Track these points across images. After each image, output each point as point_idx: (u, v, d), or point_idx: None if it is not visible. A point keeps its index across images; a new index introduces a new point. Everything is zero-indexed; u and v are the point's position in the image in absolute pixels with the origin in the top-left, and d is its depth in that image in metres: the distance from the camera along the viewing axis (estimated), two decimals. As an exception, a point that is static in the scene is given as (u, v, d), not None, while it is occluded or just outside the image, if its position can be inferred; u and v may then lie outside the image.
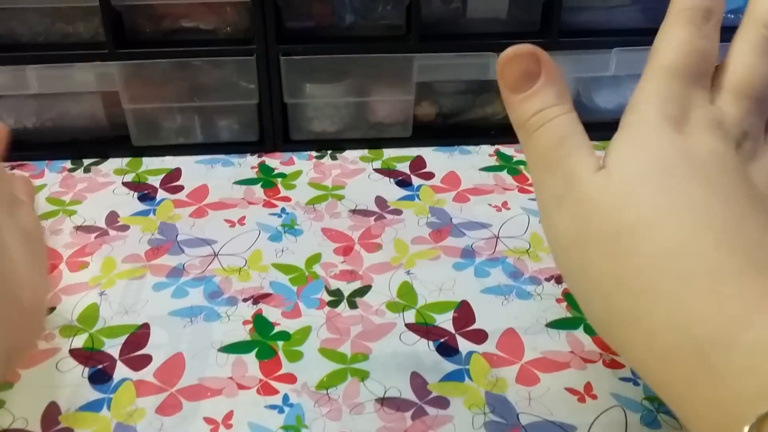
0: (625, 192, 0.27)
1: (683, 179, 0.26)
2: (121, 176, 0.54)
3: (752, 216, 0.26)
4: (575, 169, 0.28)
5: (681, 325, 0.24)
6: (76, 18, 0.54)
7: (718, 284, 0.24)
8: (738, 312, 0.23)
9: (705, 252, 0.25)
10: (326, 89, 0.56)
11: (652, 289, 0.25)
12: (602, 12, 0.57)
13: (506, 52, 0.30)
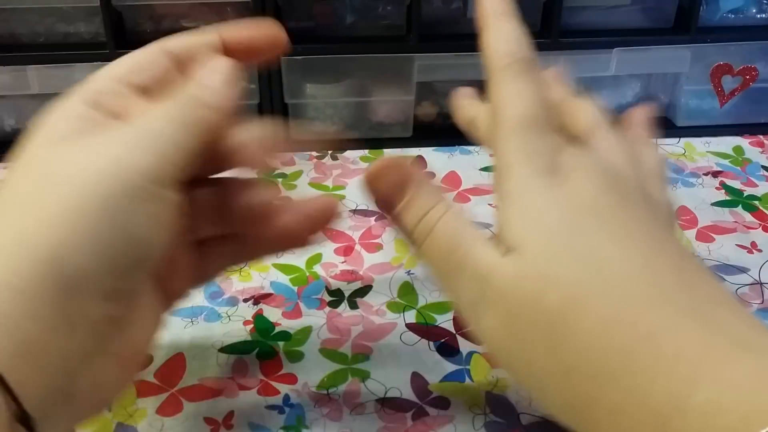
0: (540, 274, 0.25)
1: (589, 235, 0.25)
2: (121, 176, 0.54)
3: (668, 250, 0.26)
4: (481, 267, 0.27)
5: (637, 401, 0.23)
6: (76, 18, 0.54)
7: (659, 348, 0.23)
8: (684, 373, 0.22)
9: (639, 316, 0.24)
10: (327, 89, 0.56)
11: (600, 371, 0.24)
12: (602, 12, 0.57)
13: (368, 173, 0.29)
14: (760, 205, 0.51)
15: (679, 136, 0.60)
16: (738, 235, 0.48)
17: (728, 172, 0.55)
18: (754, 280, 0.44)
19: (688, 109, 0.60)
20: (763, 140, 0.60)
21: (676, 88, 0.60)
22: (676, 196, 0.52)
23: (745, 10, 0.58)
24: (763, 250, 0.46)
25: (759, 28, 0.58)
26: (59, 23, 0.54)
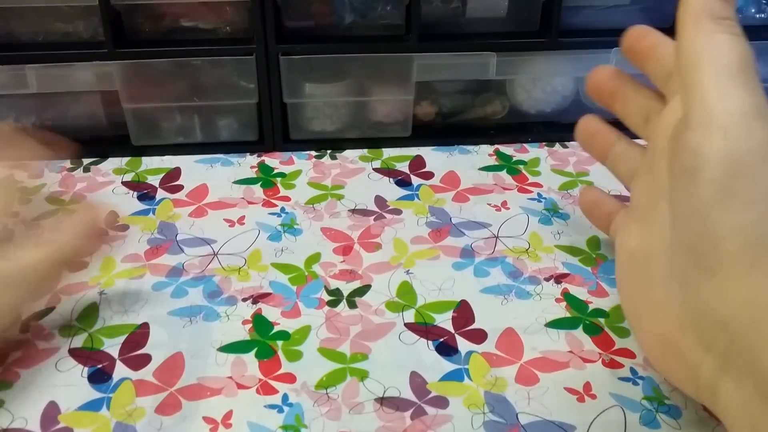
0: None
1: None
2: (120, 176, 0.54)
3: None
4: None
5: None
6: (75, 17, 0.54)
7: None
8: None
9: None
10: (326, 89, 0.56)
11: None
12: (601, 12, 0.57)
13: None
14: (759, 205, 0.51)
15: (678, 136, 0.60)
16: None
17: (727, 172, 0.55)
18: (753, 279, 0.44)
19: (687, 109, 0.60)
20: (762, 140, 0.60)
21: (675, 88, 0.60)
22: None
23: (744, 10, 0.58)
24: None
25: (758, 28, 0.58)
26: (58, 22, 0.54)
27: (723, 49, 0.30)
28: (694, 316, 0.30)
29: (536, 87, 0.59)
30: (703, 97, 0.30)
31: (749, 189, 0.28)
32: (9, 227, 0.47)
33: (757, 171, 0.28)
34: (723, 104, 0.29)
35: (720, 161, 0.29)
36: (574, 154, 0.57)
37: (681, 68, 0.32)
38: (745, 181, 0.28)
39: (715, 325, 0.29)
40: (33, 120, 0.56)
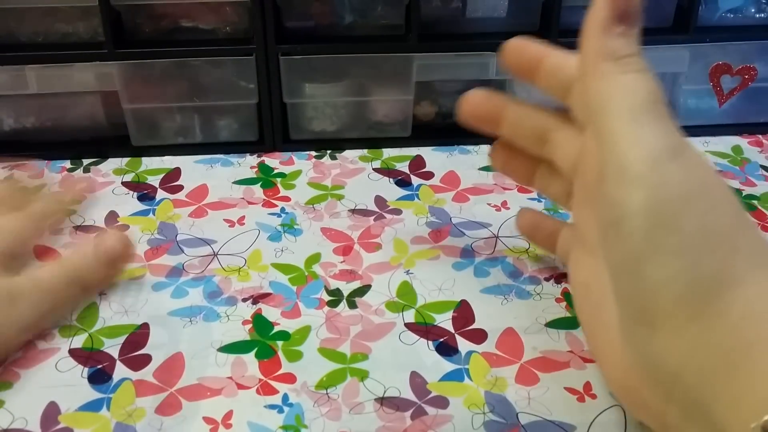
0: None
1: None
2: (120, 176, 0.54)
3: None
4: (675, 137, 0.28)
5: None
6: (75, 18, 0.54)
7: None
8: None
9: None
10: (326, 89, 0.56)
11: (760, 263, 0.27)
12: (602, 11, 0.57)
13: None
14: (759, 205, 0.51)
15: (678, 136, 0.60)
16: (737, 235, 0.48)
17: (727, 172, 0.55)
18: (753, 279, 0.44)
19: (686, 109, 0.60)
20: (762, 140, 0.60)
21: (675, 88, 0.60)
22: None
23: (744, 9, 0.58)
24: (761, 250, 0.46)
25: (758, 28, 0.58)
26: (58, 23, 0.54)
27: (627, 92, 0.29)
28: (647, 369, 0.28)
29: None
30: (614, 147, 0.28)
31: (673, 238, 0.26)
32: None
33: (678, 219, 0.27)
34: (634, 152, 0.28)
35: (640, 213, 0.27)
36: (574, 154, 0.57)
37: (590, 114, 0.31)
38: (668, 231, 0.27)
39: (668, 377, 0.27)
40: (33, 120, 0.56)
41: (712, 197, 0.27)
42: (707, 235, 0.26)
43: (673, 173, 0.27)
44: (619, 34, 0.30)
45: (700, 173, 0.28)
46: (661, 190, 0.27)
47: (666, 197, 0.27)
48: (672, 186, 0.27)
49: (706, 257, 0.26)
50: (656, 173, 0.27)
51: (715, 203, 0.27)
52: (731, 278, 0.26)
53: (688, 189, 0.27)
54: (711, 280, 0.26)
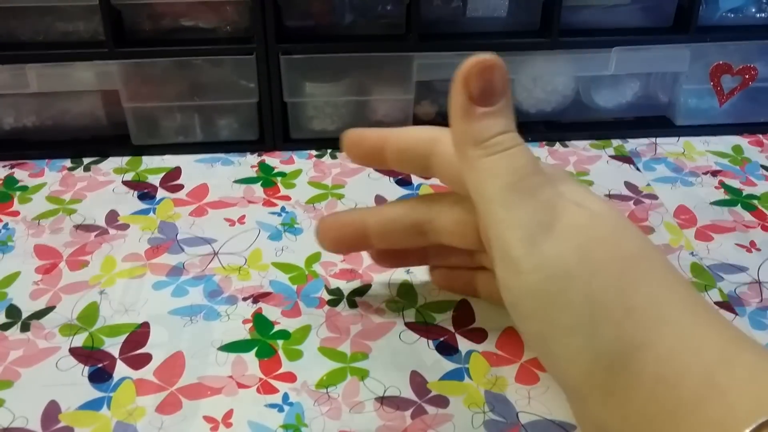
0: (616, 226, 0.27)
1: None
2: (120, 175, 0.54)
3: None
4: (559, 197, 0.27)
5: (692, 349, 0.24)
6: (75, 17, 0.54)
7: (708, 312, 0.25)
8: (733, 335, 0.24)
9: (684, 282, 0.27)
10: (326, 88, 0.56)
11: (662, 317, 0.25)
12: (602, 11, 0.57)
13: (478, 60, 0.28)
14: (759, 205, 0.51)
15: (679, 135, 0.60)
16: (737, 234, 0.48)
17: (727, 172, 0.55)
18: (753, 279, 0.44)
19: (687, 109, 0.60)
20: (763, 139, 0.60)
21: (676, 88, 0.60)
22: (675, 196, 0.52)
23: (745, 9, 0.58)
24: (762, 250, 0.46)
25: (758, 28, 0.58)
26: (58, 22, 0.54)
27: (493, 176, 0.28)
28: (598, 428, 0.27)
29: (536, 86, 0.59)
30: (493, 232, 0.28)
31: (565, 316, 0.26)
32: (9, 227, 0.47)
33: (565, 295, 0.26)
34: (510, 236, 0.27)
35: (528, 296, 0.27)
36: (574, 154, 0.57)
37: (474, 200, 0.30)
38: (559, 309, 0.26)
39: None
40: (33, 119, 0.56)
41: (593, 263, 0.26)
42: (595, 306, 0.25)
43: (549, 250, 0.26)
44: (480, 116, 0.28)
45: (576, 240, 0.26)
46: (542, 271, 0.26)
47: (548, 276, 0.26)
48: (550, 264, 0.26)
49: (600, 329, 0.25)
50: (533, 254, 0.26)
51: (595, 269, 0.26)
52: (632, 345, 0.25)
53: (566, 262, 0.26)
54: (611, 353, 0.25)
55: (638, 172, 0.55)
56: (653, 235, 0.47)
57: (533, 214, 0.27)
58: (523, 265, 0.27)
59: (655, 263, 0.27)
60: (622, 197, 0.52)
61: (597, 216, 0.27)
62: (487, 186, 0.28)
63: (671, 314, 0.25)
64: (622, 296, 0.25)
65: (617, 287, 0.26)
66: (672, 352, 0.24)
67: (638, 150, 0.58)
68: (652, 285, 0.26)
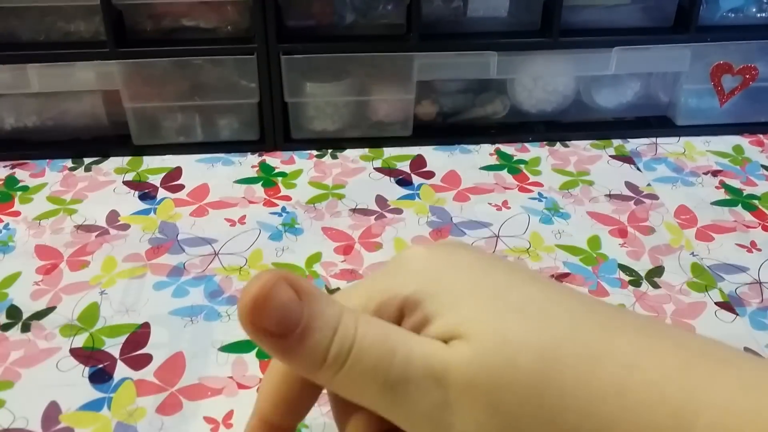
0: (503, 346, 0.23)
1: (519, 288, 0.24)
2: (121, 175, 0.54)
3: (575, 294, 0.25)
4: (433, 366, 0.23)
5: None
6: (76, 17, 0.54)
7: (647, 374, 0.22)
8: (681, 399, 0.21)
9: (613, 346, 0.22)
10: (327, 88, 0.56)
11: (606, 423, 0.22)
12: (602, 11, 0.57)
13: (248, 303, 0.22)
14: (760, 205, 0.51)
15: (679, 135, 0.60)
16: (737, 234, 0.48)
17: (728, 172, 0.55)
18: (754, 279, 0.44)
19: (687, 108, 0.60)
20: (763, 139, 0.60)
21: (676, 87, 0.60)
22: (676, 196, 0.52)
23: (745, 9, 0.58)
24: (762, 250, 0.46)
25: (759, 28, 0.58)
26: (59, 22, 0.54)
27: (357, 388, 0.24)
28: None
29: (537, 86, 0.59)
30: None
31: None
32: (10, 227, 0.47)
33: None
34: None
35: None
36: (574, 154, 0.57)
37: None
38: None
39: None
40: (34, 119, 0.56)
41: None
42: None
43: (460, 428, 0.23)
44: (298, 342, 0.23)
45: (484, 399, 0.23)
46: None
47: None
48: None
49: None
50: None
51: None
52: None
53: None
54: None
55: (639, 172, 0.55)
56: (654, 235, 0.47)
57: (423, 401, 0.23)
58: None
59: (566, 361, 0.23)
60: (622, 197, 0.52)
61: (479, 348, 0.23)
62: (364, 400, 0.24)
63: (609, 414, 0.22)
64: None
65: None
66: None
67: (639, 150, 0.58)
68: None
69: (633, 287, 0.43)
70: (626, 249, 0.46)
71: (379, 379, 0.23)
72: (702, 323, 0.40)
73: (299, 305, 0.23)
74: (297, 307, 0.23)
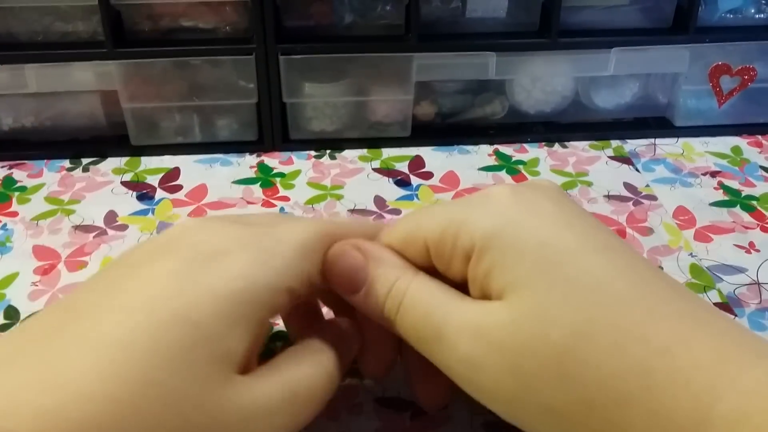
0: (539, 314, 0.24)
1: (574, 257, 0.25)
2: (119, 175, 0.54)
3: (641, 258, 0.27)
4: (469, 322, 0.26)
5: (664, 419, 0.22)
6: (74, 17, 0.54)
7: (675, 361, 0.22)
8: (704, 385, 0.22)
9: (649, 331, 0.23)
10: (325, 89, 0.56)
11: (622, 396, 0.23)
12: (601, 12, 0.57)
13: (329, 259, 0.29)
14: (758, 205, 0.51)
15: (678, 136, 0.60)
16: (736, 235, 0.48)
17: (726, 173, 0.55)
18: (752, 280, 0.44)
19: (686, 109, 0.60)
20: (762, 140, 0.60)
21: (675, 88, 0.60)
22: (674, 196, 0.52)
23: (744, 10, 0.58)
24: (761, 250, 0.46)
25: (757, 28, 0.58)
26: (57, 22, 0.54)
27: (408, 332, 0.29)
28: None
29: (536, 87, 0.59)
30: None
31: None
32: (8, 227, 0.47)
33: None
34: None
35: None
36: (573, 154, 0.57)
37: None
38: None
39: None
40: (32, 119, 0.56)
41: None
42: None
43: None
44: (368, 289, 0.29)
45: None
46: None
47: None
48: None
49: None
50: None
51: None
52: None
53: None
54: None
55: (637, 173, 0.55)
56: (652, 236, 0.47)
57: (456, 351, 0.27)
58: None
59: (596, 335, 0.24)
60: (621, 198, 0.52)
61: (514, 310, 0.25)
62: (414, 345, 0.28)
63: (632, 392, 0.23)
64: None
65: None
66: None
67: (637, 151, 0.58)
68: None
69: (632, 288, 0.43)
70: (625, 250, 0.46)
71: (421, 330, 0.27)
72: (701, 324, 0.40)
73: (364, 269, 0.29)
74: (362, 270, 0.29)
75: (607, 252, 0.26)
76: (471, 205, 0.28)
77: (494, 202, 0.27)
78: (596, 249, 0.26)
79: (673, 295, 0.25)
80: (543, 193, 0.28)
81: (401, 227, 0.30)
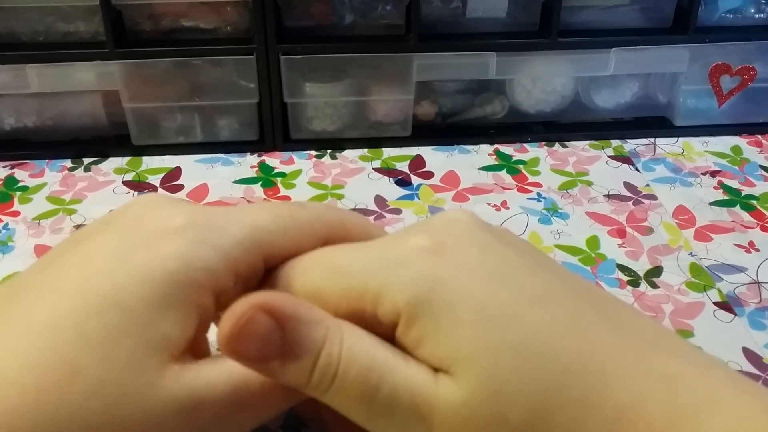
0: (496, 392, 0.22)
1: (524, 317, 0.23)
2: (121, 175, 0.55)
3: (595, 292, 0.25)
4: (418, 403, 0.22)
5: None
6: (76, 17, 0.54)
7: (639, 428, 0.21)
8: (690, 408, 0.21)
9: (599, 398, 0.22)
10: (326, 88, 0.56)
11: None
12: (601, 12, 0.57)
13: (225, 336, 0.22)
14: (758, 205, 0.51)
15: (678, 136, 0.60)
16: (736, 235, 0.48)
17: (726, 172, 0.55)
18: (752, 279, 0.44)
19: (686, 109, 0.60)
20: (761, 140, 0.60)
21: (675, 88, 0.60)
22: (674, 196, 0.52)
23: (744, 10, 0.58)
24: (760, 250, 0.46)
25: (757, 28, 0.58)
26: (59, 22, 0.54)
27: (347, 409, 0.24)
28: None
29: (536, 87, 0.59)
30: None
31: None
32: (10, 227, 0.47)
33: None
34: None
35: None
36: (573, 154, 0.57)
37: None
38: None
39: None
40: (34, 119, 0.57)
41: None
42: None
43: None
44: (282, 364, 0.23)
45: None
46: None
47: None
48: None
49: None
50: None
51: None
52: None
53: None
54: None
55: (637, 173, 0.55)
56: (652, 235, 0.48)
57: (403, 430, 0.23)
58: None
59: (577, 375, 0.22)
60: (621, 197, 0.52)
61: (466, 383, 0.22)
62: (350, 417, 0.23)
63: None
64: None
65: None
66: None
67: (637, 150, 0.58)
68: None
69: (632, 287, 0.43)
70: (625, 249, 0.46)
71: (364, 407, 0.23)
72: (700, 323, 0.40)
73: (276, 334, 0.22)
74: (274, 336, 0.22)
75: (545, 302, 0.23)
76: (388, 265, 0.24)
77: (414, 258, 0.24)
78: (533, 300, 0.23)
79: (618, 335, 0.23)
80: (465, 236, 0.25)
81: (309, 282, 0.26)
